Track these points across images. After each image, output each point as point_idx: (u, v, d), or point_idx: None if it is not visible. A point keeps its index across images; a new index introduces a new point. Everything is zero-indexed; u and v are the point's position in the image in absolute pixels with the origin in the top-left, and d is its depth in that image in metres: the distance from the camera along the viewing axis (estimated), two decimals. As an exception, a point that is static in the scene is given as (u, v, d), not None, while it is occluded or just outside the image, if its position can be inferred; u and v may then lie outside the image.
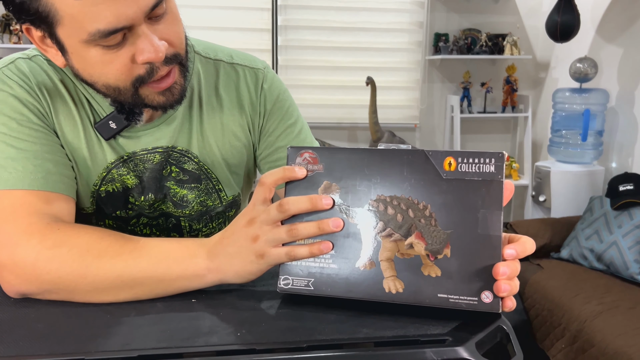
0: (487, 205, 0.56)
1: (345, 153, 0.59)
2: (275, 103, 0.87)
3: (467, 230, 0.56)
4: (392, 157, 0.58)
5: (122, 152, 0.80)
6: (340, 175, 0.59)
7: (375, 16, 3.37)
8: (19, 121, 0.71)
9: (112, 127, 0.77)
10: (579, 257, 2.39)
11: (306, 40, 3.34)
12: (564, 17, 2.70)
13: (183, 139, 0.82)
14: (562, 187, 2.85)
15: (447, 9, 3.44)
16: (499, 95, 3.54)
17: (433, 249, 0.57)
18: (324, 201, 0.58)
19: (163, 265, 0.63)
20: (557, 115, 2.98)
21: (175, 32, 0.69)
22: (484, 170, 0.56)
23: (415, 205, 0.57)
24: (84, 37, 0.63)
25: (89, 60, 0.66)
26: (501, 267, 0.55)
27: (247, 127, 0.86)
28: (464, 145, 3.56)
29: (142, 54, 0.65)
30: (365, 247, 0.58)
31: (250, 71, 0.87)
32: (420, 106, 3.53)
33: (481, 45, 3.36)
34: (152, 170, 0.82)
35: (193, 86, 0.82)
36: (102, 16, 0.61)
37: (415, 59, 3.48)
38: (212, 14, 3.20)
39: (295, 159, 0.60)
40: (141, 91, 0.69)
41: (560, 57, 3.36)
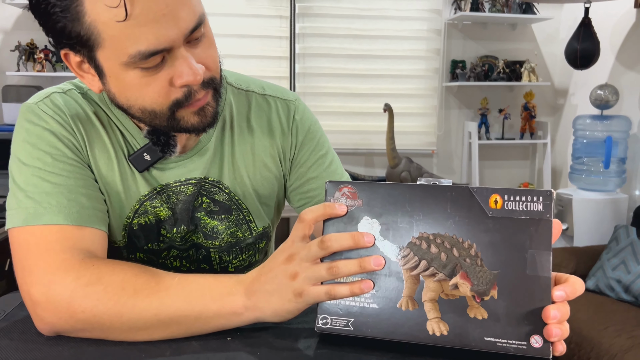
0: (535, 245, 0.54)
1: (386, 188, 0.58)
2: (306, 134, 0.87)
3: (514, 270, 0.54)
4: (434, 193, 0.57)
5: (155, 184, 0.79)
6: (380, 211, 0.57)
7: (392, 44, 3.39)
8: (54, 156, 0.72)
9: (147, 159, 0.77)
10: (605, 288, 2.33)
11: (324, 68, 3.36)
12: (583, 44, 2.69)
13: (214, 170, 0.82)
14: (585, 215, 2.80)
15: (464, 36, 3.46)
16: (517, 121, 3.52)
17: (479, 289, 0.55)
18: (365, 239, 0.57)
19: (200, 303, 0.61)
20: (577, 142, 2.95)
21: (211, 56, 0.70)
22: (532, 208, 0.54)
23: (460, 244, 0.56)
24: (124, 59, 0.63)
25: (127, 83, 0.66)
26: (552, 310, 0.52)
27: (278, 157, 0.86)
28: (482, 171, 3.53)
29: (181, 77, 0.65)
30: (408, 287, 0.56)
31: (282, 102, 0.87)
32: (437, 132, 3.52)
33: (498, 72, 3.36)
34: (185, 202, 0.81)
35: (225, 117, 0.83)
36: (144, 38, 0.61)
37: (432, 86, 3.48)
38: (231, 42, 3.24)
39: (334, 193, 0.59)
40: (178, 114, 0.69)
41: (579, 83, 3.35)
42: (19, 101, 2.97)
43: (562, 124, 3.53)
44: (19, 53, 2.99)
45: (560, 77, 3.54)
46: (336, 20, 3.33)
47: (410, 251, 0.57)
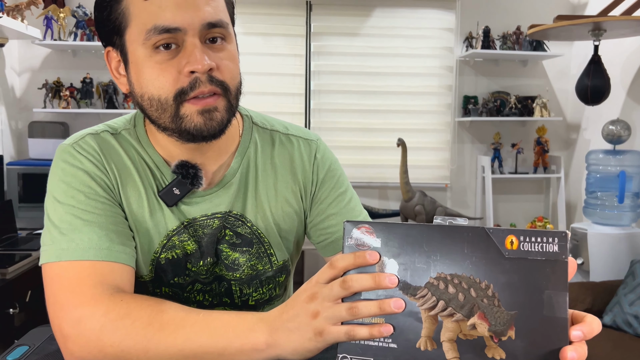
0: (552, 286, 0.55)
1: (403, 228, 0.58)
2: (327, 172, 0.91)
3: (532, 311, 0.54)
4: (451, 234, 0.57)
5: (183, 218, 0.83)
6: (398, 251, 0.58)
7: (404, 80, 3.47)
8: (87, 194, 0.76)
9: (176, 193, 0.80)
10: (623, 324, 2.30)
11: (338, 104, 3.45)
12: (593, 80, 2.74)
13: (238, 204, 0.86)
14: (600, 249, 2.79)
15: (476, 73, 3.53)
16: (530, 156, 3.55)
17: (497, 330, 0.55)
18: (388, 280, 0.57)
19: (223, 340, 0.63)
20: (591, 176, 2.96)
21: (226, 65, 0.75)
22: (548, 249, 0.55)
23: (477, 285, 0.56)
24: (142, 37, 0.71)
25: (144, 65, 0.72)
26: (569, 351, 0.53)
27: (299, 194, 0.90)
28: (496, 205, 3.54)
29: (188, 62, 0.70)
30: (426, 327, 0.57)
31: (305, 142, 0.92)
32: (450, 166, 3.55)
33: (510, 107, 3.41)
34: (210, 235, 0.84)
35: (250, 154, 0.87)
36: (162, 15, 0.69)
37: (445, 121, 3.54)
38: (249, 79, 3.33)
39: (352, 233, 0.59)
40: (182, 110, 0.73)
41: (591, 118, 3.38)
42: (44, 137, 3.08)
43: (576, 159, 3.55)
44: (46, 91, 3.12)
45: (572, 112, 3.58)
46: (350, 58, 3.43)
47: (429, 291, 0.57)
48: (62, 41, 3.05)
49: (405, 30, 3.43)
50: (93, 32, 3.13)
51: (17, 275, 2.22)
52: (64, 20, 3.05)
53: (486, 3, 3.46)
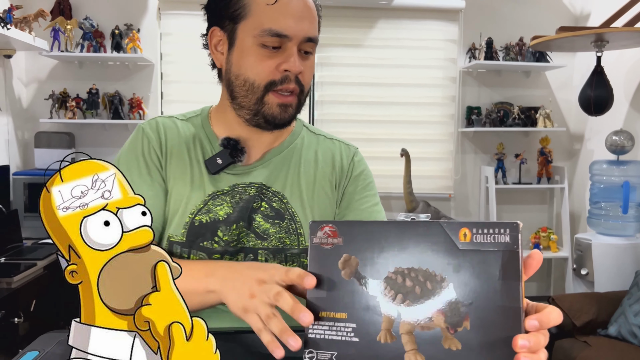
0: (504, 275, 0.55)
1: (364, 226, 0.62)
2: (361, 173, 1.03)
3: (486, 301, 0.56)
4: (408, 229, 0.59)
5: (223, 185, 0.95)
6: (359, 248, 0.61)
7: (408, 91, 3.49)
8: (138, 158, 0.94)
9: (218, 162, 0.94)
10: (628, 335, 2.29)
11: (342, 114, 3.47)
12: (596, 91, 2.75)
13: (279, 183, 0.97)
14: (604, 260, 2.78)
15: (479, 84, 3.54)
16: (533, 166, 3.55)
17: (453, 321, 0.56)
18: (301, 315, 0.61)
19: (186, 282, 0.72)
20: (595, 187, 2.96)
21: (308, 73, 0.92)
22: (500, 240, 0.56)
23: (433, 277, 0.57)
24: (256, 32, 0.86)
25: (248, 53, 0.88)
26: (520, 339, 0.53)
27: (334, 184, 1.01)
28: (500, 215, 3.54)
29: (287, 62, 0.87)
30: (386, 321, 0.59)
31: (345, 146, 1.05)
32: (454, 176, 3.56)
33: (514, 118, 3.42)
34: (246, 201, 0.95)
35: (297, 144, 1.01)
36: (277, 21, 0.85)
37: (448, 131, 3.55)
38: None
39: (317, 232, 0.63)
40: (266, 98, 0.89)
41: (594, 129, 3.38)
42: (50, 147, 3.10)
43: (579, 169, 3.55)
44: (52, 101, 3.15)
45: (576, 122, 3.59)
46: (354, 68, 3.45)
47: (387, 285, 0.59)
48: (69, 52, 3.09)
49: (409, 41, 3.46)
50: (99, 43, 3.17)
51: (22, 284, 2.23)
52: (71, 32, 3.08)
53: (489, 15, 3.49)
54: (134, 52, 3.16)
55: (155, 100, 3.35)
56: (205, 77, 3.85)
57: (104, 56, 3.17)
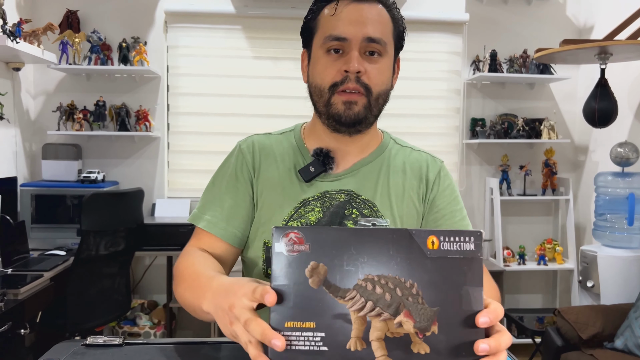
0: (469, 281, 0.59)
1: (332, 232, 0.60)
2: (447, 187, 1.06)
3: (452, 306, 0.58)
4: (378, 237, 0.59)
5: (315, 191, 1.01)
6: (327, 255, 0.59)
7: (413, 103, 3.50)
8: (230, 175, 1.04)
9: (311, 170, 1.00)
10: (634, 348, 2.28)
11: (346, 126, 3.48)
12: (601, 103, 2.76)
13: (369, 191, 1.02)
14: (610, 272, 2.77)
15: (483, 95, 3.56)
16: (538, 177, 3.55)
17: (421, 326, 0.58)
18: (273, 341, 0.58)
19: (194, 299, 0.80)
20: (600, 199, 2.95)
21: (375, 75, 0.95)
22: (465, 248, 0.59)
23: (403, 284, 0.59)
24: (321, 41, 0.95)
25: (318, 62, 0.96)
26: (481, 344, 0.57)
27: (421, 197, 1.05)
28: (504, 227, 3.53)
29: (345, 63, 0.93)
30: (356, 328, 0.59)
31: (432, 159, 1.09)
32: (459, 188, 3.55)
33: (518, 130, 3.43)
34: (337, 206, 1.00)
35: (385, 156, 1.07)
36: (337, 27, 0.93)
37: (452, 143, 3.56)
38: (258, 101, 3.39)
39: (280, 238, 0.60)
40: (332, 99, 0.94)
41: (599, 140, 3.39)
42: (57, 159, 3.13)
43: (584, 181, 3.55)
44: (60, 113, 3.18)
45: (580, 134, 3.59)
46: (358, 81, 3.47)
47: (357, 293, 0.59)
48: (77, 65, 3.13)
49: (413, 53, 3.48)
50: (107, 56, 3.21)
51: (28, 295, 2.24)
52: (79, 45, 3.12)
53: (493, 27, 3.51)
54: (140, 65, 3.20)
55: (161, 113, 3.38)
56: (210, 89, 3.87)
57: (111, 69, 3.20)
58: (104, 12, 3.30)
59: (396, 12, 0.99)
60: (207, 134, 3.37)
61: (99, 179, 3.14)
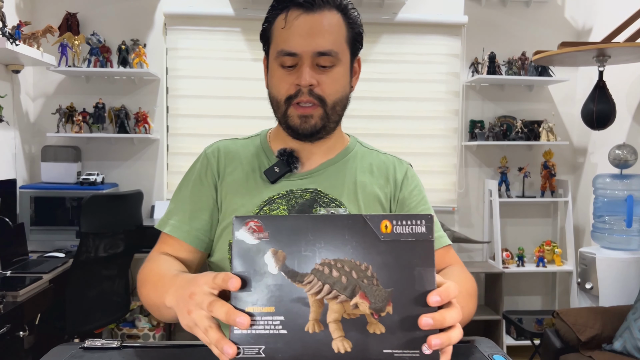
0: (421, 263, 0.61)
1: (290, 220, 0.62)
2: (414, 188, 1.09)
3: (405, 287, 0.60)
4: (334, 222, 0.62)
5: (280, 190, 1.02)
6: (285, 242, 0.62)
7: (411, 105, 3.51)
8: (195, 180, 1.06)
9: (276, 171, 1.02)
10: (633, 350, 2.28)
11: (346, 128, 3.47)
12: (599, 106, 2.76)
13: (336, 190, 1.03)
14: (609, 274, 2.77)
15: (482, 98, 3.56)
16: (537, 179, 3.56)
17: (376, 307, 0.60)
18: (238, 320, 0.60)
19: (157, 296, 0.83)
20: (598, 200, 2.96)
21: (329, 85, 0.96)
22: (416, 231, 0.61)
23: (358, 267, 0.61)
24: (275, 54, 0.96)
25: (274, 74, 0.98)
26: (424, 318, 0.59)
27: (389, 196, 1.08)
28: (503, 229, 3.54)
29: (297, 78, 0.94)
30: (314, 311, 0.61)
31: (398, 161, 1.12)
32: (457, 190, 3.57)
33: (517, 132, 3.43)
34: (302, 205, 1.01)
35: (350, 157, 1.08)
36: (287, 42, 0.94)
37: (451, 145, 3.56)
38: (255, 104, 3.40)
39: (240, 227, 0.62)
40: (289, 111, 0.97)
41: (598, 142, 3.39)
42: (56, 161, 3.13)
43: (583, 182, 3.55)
44: (59, 116, 3.18)
45: (579, 136, 3.60)
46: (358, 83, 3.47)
47: (314, 277, 0.61)
48: (76, 67, 3.13)
49: (412, 56, 3.49)
50: (106, 58, 3.21)
51: (27, 298, 2.24)
52: (78, 47, 3.13)
53: (491, 30, 3.52)
54: (140, 67, 3.20)
55: (160, 115, 3.39)
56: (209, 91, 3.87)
57: (110, 71, 3.21)
58: (103, 15, 3.31)
59: (352, 13, 0.99)
60: (206, 136, 3.37)
61: (98, 181, 3.15)
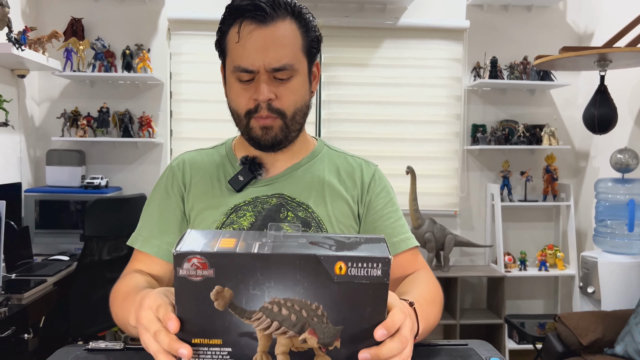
0: (373, 304, 0.61)
1: (236, 258, 0.59)
2: (383, 189, 1.09)
3: (355, 324, 0.61)
4: (284, 262, 0.59)
5: (246, 197, 1.03)
6: (233, 280, 0.59)
7: (413, 109, 3.53)
8: (162, 193, 1.07)
9: (241, 179, 1.03)
10: (634, 354, 2.28)
11: (348, 132, 3.50)
12: (600, 110, 2.77)
13: (303, 194, 1.04)
14: (611, 278, 2.78)
15: (484, 102, 3.58)
16: (539, 183, 3.56)
17: (325, 342, 0.61)
18: (179, 351, 0.60)
19: (123, 315, 0.84)
20: (600, 205, 2.96)
21: (288, 97, 0.95)
22: (372, 274, 0.60)
23: (308, 306, 0.60)
24: (231, 68, 0.95)
25: (232, 88, 0.98)
26: (361, 354, 0.61)
27: (357, 198, 1.08)
28: (505, 232, 3.54)
29: (255, 93, 0.94)
30: (262, 344, 0.62)
31: (366, 163, 1.12)
32: (460, 194, 3.58)
33: (519, 136, 3.44)
34: (269, 210, 1.02)
35: (318, 161, 1.09)
36: (243, 58, 0.93)
37: (453, 149, 3.57)
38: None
39: (183, 264, 0.59)
40: (251, 123, 0.97)
41: (600, 146, 3.40)
42: (61, 164, 3.16)
43: (585, 186, 3.56)
44: (64, 120, 3.21)
45: (581, 140, 3.60)
46: (360, 87, 3.50)
47: (263, 314, 0.60)
48: (81, 72, 3.16)
49: (414, 60, 3.51)
50: (110, 63, 3.24)
51: (32, 300, 2.26)
52: (83, 52, 3.16)
53: (493, 34, 3.53)
54: (144, 72, 3.23)
55: (164, 119, 3.41)
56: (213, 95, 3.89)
57: (114, 75, 3.24)
58: (108, 20, 3.34)
59: (306, 18, 0.96)
60: (209, 140, 3.35)
61: (102, 184, 3.17)
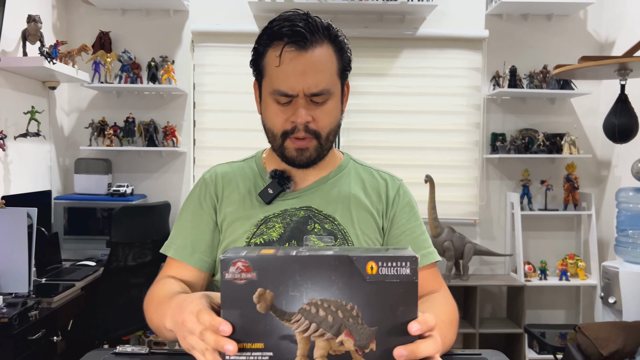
0: (404, 303, 0.64)
1: (277, 260, 0.64)
2: (407, 204, 1.13)
3: (388, 325, 0.64)
4: (321, 264, 0.64)
5: (276, 209, 1.08)
6: (273, 282, 0.64)
7: (433, 118, 3.55)
8: (195, 204, 1.11)
9: (270, 192, 1.07)
10: (655, 366, 2.26)
11: (367, 141, 3.54)
12: (620, 119, 2.75)
13: (330, 207, 1.08)
14: (632, 289, 2.75)
15: (503, 111, 3.58)
16: (559, 192, 3.54)
17: (361, 344, 0.64)
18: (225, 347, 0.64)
19: (159, 319, 0.88)
20: (621, 214, 2.94)
21: (323, 119, 1.00)
22: (401, 272, 0.64)
23: (344, 307, 0.64)
24: (270, 90, 0.99)
25: (268, 107, 1.02)
26: (397, 350, 0.64)
27: (381, 212, 1.12)
28: (525, 242, 3.52)
29: (294, 115, 0.98)
30: (301, 347, 0.64)
31: (391, 178, 1.16)
32: (479, 202, 3.58)
33: (539, 145, 3.43)
34: (297, 222, 1.07)
35: (344, 174, 1.13)
36: (283, 82, 0.97)
37: (473, 157, 3.58)
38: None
39: (229, 268, 0.64)
40: (285, 143, 1.02)
41: (621, 155, 3.37)
42: (88, 173, 3.27)
43: (607, 196, 3.52)
44: (92, 130, 3.32)
45: (602, 149, 3.57)
46: (380, 97, 3.53)
47: (302, 316, 0.64)
48: (108, 84, 3.27)
49: (433, 70, 3.53)
50: (136, 74, 3.35)
51: (61, 304, 2.35)
52: (110, 64, 3.27)
53: (512, 43, 3.54)
54: (168, 83, 3.32)
55: (188, 128, 3.50)
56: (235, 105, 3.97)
57: (140, 87, 3.34)
58: (134, 33, 3.45)
59: (341, 40, 1.02)
60: (231, 149, 3.46)
61: (128, 192, 3.27)
